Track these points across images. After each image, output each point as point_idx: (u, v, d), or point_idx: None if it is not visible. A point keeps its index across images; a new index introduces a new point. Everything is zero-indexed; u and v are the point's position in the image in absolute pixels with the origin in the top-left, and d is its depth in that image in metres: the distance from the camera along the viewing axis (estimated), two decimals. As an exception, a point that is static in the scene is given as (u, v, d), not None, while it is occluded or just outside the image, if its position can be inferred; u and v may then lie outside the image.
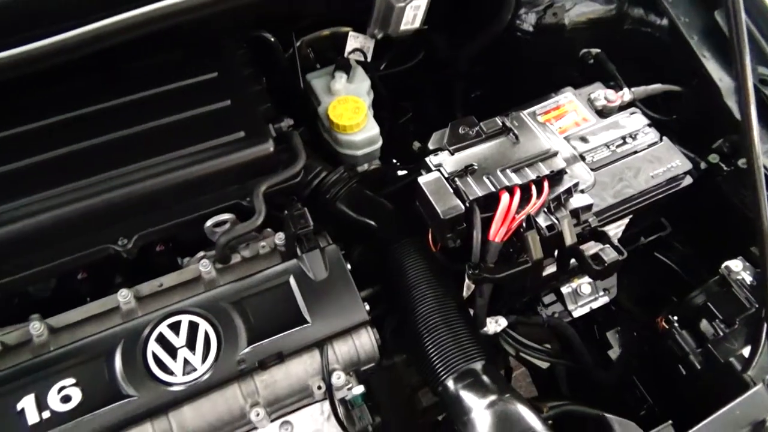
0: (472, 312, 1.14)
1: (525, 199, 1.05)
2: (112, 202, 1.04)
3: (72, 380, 0.95)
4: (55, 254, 1.04)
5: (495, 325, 1.19)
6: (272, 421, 1.07)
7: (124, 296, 1.05)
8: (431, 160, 1.12)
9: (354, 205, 1.28)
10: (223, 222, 1.09)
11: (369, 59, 1.52)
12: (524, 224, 1.04)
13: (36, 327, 1.02)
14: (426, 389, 1.40)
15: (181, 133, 1.09)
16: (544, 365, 1.34)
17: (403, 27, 1.46)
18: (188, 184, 1.08)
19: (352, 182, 1.30)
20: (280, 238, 1.15)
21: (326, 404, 1.12)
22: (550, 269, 1.14)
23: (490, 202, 1.04)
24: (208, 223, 1.08)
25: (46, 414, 0.93)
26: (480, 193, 1.04)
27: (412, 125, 1.82)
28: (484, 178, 1.07)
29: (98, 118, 1.09)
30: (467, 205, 1.04)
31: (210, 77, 1.16)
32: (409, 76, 1.67)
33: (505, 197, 1.03)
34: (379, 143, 1.38)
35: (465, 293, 1.12)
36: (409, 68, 1.63)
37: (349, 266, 1.11)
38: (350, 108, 1.33)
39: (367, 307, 1.08)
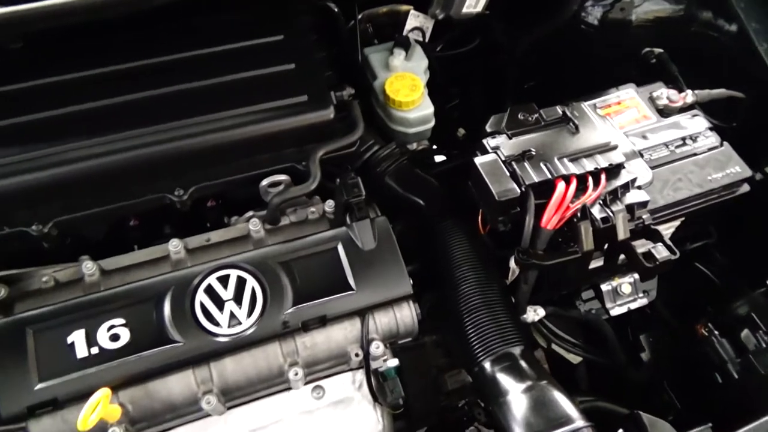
0: (513, 298, 1.14)
1: (581, 190, 1.04)
2: (172, 152, 1.05)
3: (121, 320, 0.97)
4: (113, 197, 1.06)
5: (534, 313, 1.19)
6: (305, 384, 1.09)
7: (174, 246, 1.07)
8: (488, 142, 1.12)
9: (402, 181, 1.29)
10: (278, 183, 1.10)
11: (427, 39, 1.51)
12: (578, 214, 1.04)
13: (88, 266, 1.04)
14: (452, 372, 1.40)
15: (245, 91, 1.10)
16: (576, 360, 1.33)
17: (465, 9, 1.46)
18: (247, 142, 1.09)
19: (402, 158, 1.30)
20: (329, 205, 1.16)
21: (358, 373, 1.13)
22: (597, 263, 1.13)
23: (545, 189, 1.04)
24: (264, 182, 1.10)
25: (94, 350, 0.95)
26: (536, 178, 1.04)
27: (456, 112, 1.81)
28: (541, 164, 1.07)
29: (168, 68, 1.10)
30: (523, 189, 1.04)
31: (276, 39, 1.17)
32: (462, 62, 1.66)
33: (561, 185, 1.03)
34: (432, 123, 1.38)
35: (509, 278, 1.12)
36: (463, 53, 1.62)
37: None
38: (407, 85, 1.33)
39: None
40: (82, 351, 0.94)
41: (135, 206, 1.07)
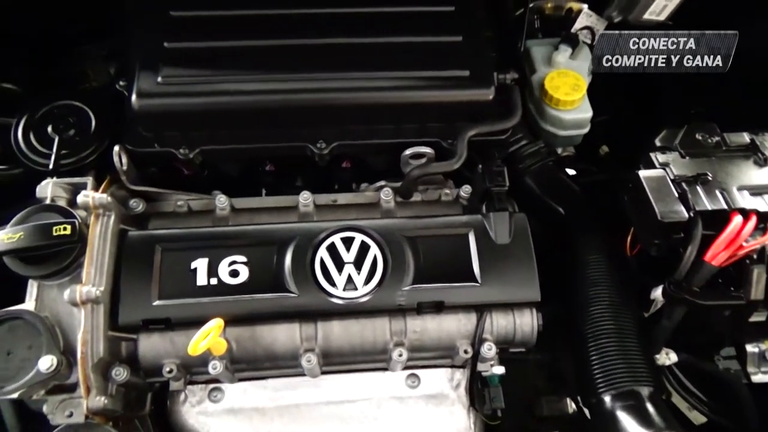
0: (649, 334, 1.02)
1: (760, 229, 0.91)
2: (323, 103, 1.04)
3: (243, 258, 0.96)
4: (260, 137, 1.06)
5: (665, 356, 1.06)
6: (404, 368, 1.04)
7: (305, 198, 1.05)
8: (657, 156, 1.02)
9: (544, 183, 1.20)
10: (422, 155, 1.05)
11: (595, 42, 1.41)
12: (753, 256, 0.90)
13: (221, 200, 1.05)
14: (551, 397, 1.30)
15: (408, 55, 1.06)
16: (699, 420, 1.18)
17: (646, 16, 1.33)
18: (398, 107, 1.05)
19: (548, 160, 1.22)
20: (465, 190, 1.09)
21: (457, 372, 1.07)
22: (757, 317, 0.99)
23: (717, 221, 0.92)
24: (407, 151, 1.05)
25: (213, 281, 0.95)
26: (709, 206, 0.93)
27: (604, 127, 1.68)
28: (717, 192, 0.95)
29: (338, 20, 1.08)
30: (691, 214, 0.92)
31: (447, 10, 1.12)
32: (625, 74, 1.53)
33: (737, 219, 0.91)
34: (586, 129, 1.28)
35: (650, 309, 1.01)
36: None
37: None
38: (570, 83, 1.23)
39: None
40: (202, 279, 0.95)
41: (277, 150, 1.07)
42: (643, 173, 0.98)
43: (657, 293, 0.98)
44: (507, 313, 1.00)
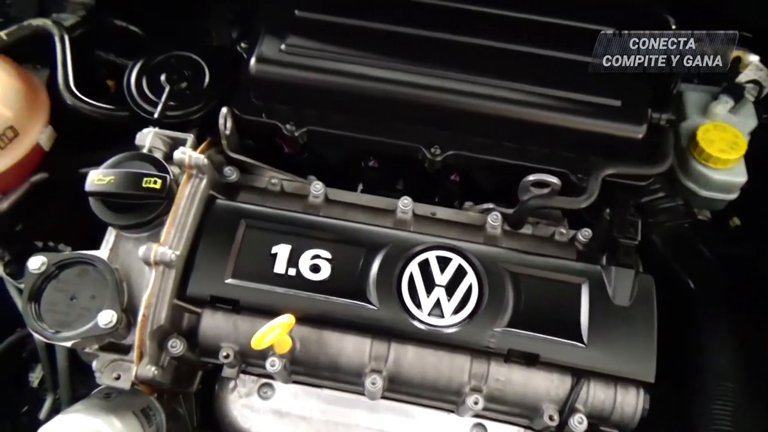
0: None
1: None
2: (448, 105, 0.94)
3: (328, 254, 0.88)
4: (372, 128, 0.97)
5: (788, 483, 0.88)
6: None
7: (405, 204, 0.96)
8: (833, 245, 0.84)
9: (675, 246, 1.04)
10: (546, 184, 0.93)
11: (761, 98, 1.23)
12: None
13: (317, 187, 0.97)
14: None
15: (555, 71, 0.94)
16: None
17: (832, 80, 1.15)
18: (532, 126, 0.93)
19: (684, 221, 1.06)
20: (585, 234, 0.96)
21: (530, 435, 0.93)
22: None
23: None
24: (531, 177, 0.93)
25: (292, 271, 0.87)
26: None
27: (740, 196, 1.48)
28: None
29: (487, 20, 0.98)
30: None
31: (605, 31, 0.99)
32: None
33: None
34: (733, 196, 1.11)
35: (788, 425, 0.83)
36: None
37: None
38: (728, 140, 1.07)
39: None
40: (280, 267, 0.87)
41: (388, 146, 0.97)
42: (811, 260, 0.81)
43: (800, 408, 0.80)
44: (608, 386, 0.86)
